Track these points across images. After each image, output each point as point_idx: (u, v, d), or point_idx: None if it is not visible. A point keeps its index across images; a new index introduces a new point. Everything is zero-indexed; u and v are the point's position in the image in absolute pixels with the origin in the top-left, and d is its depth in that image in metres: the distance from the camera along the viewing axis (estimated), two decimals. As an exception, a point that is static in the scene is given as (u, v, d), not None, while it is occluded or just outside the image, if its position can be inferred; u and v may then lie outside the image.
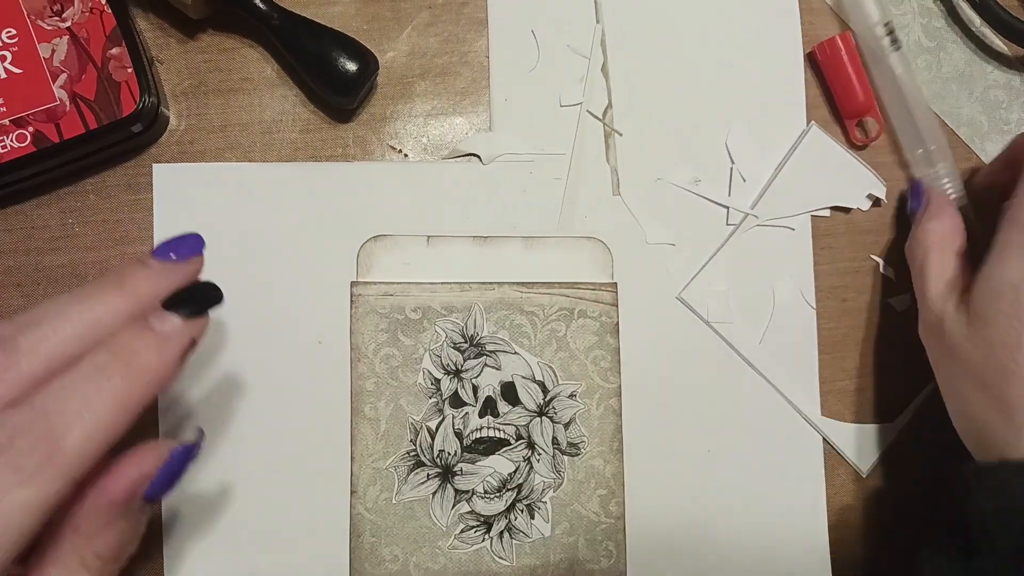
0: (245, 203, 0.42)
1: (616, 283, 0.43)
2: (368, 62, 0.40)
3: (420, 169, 0.43)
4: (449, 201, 0.43)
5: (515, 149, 0.43)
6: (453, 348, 0.42)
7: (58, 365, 0.25)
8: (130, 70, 0.38)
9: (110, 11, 0.39)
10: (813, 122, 0.45)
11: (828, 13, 0.46)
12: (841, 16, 0.45)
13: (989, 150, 0.46)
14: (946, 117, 0.46)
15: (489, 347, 0.42)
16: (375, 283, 0.42)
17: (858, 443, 0.44)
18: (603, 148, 0.44)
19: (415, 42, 0.43)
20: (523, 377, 0.42)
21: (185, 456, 0.28)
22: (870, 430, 0.44)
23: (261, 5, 0.40)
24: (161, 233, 0.41)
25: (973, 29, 0.47)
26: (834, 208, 0.45)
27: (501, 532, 0.41)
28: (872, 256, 0.45)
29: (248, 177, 0.42)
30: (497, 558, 0.41)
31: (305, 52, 0.40)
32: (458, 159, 0.43)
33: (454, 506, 0.41)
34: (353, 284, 0.42)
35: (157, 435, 0.41)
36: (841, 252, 0.45)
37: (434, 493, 0.41)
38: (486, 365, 0.42)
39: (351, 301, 0.42)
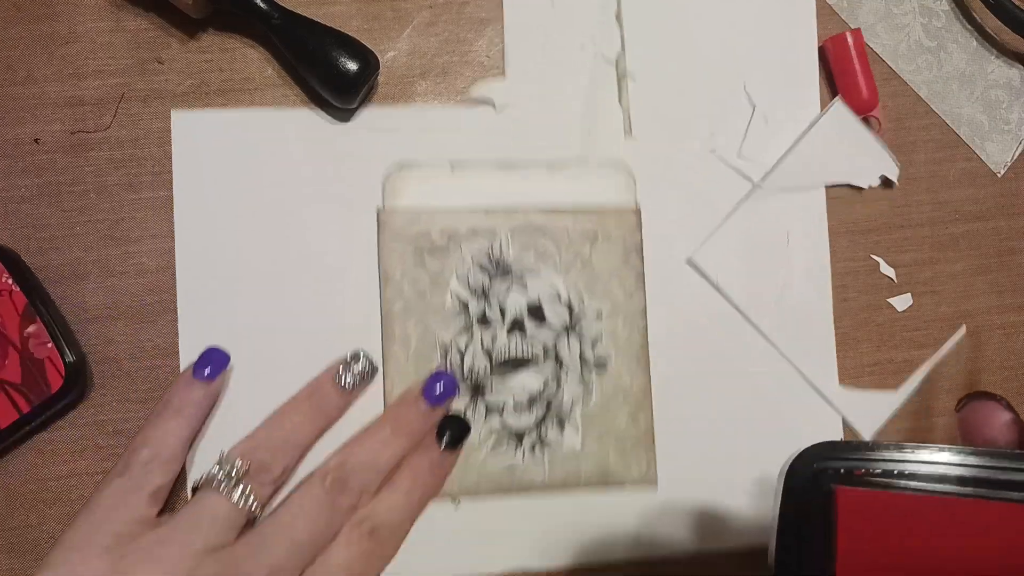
0: (265, 147, 0.42)
1: (639, 208, 0.44)
2: (368, 61, 0.40)
3: (437, 112, 0.43)
4: (467, 144, 0.44)
5: (529, 95, 0.44)
6: (480, 271, 0.42)
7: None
8: (50, 345, 0.39)
9: (19, 289, 0.39)
10: (838, 97, 0.44)
11: (831, 12, 0.46)
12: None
13: (989, 150, 0.46)
14: (947, 117, 0.46)
15: (515, 269, 0.43)
16: (402, 209, 0.42)
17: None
18: (615, 91, 0.44)
19: (415, 42, 0.43)
20: (549, 298, 0.43)
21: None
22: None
23: (262, 4, 0.40)
24: (181, 181, 0.41)
25: (974, 28, 0.47)
26: (846, 187, 0.45)
27: (532, 445, 0.42)
28: (872, 256, 0.45)
29: (266, 122, 0.42)
30: (530, 470, 0.42)
31: (305, 51, 0.40)
32: (472, 106, 0.44)
33: (486, 421, 0.42)
34: (379, 211, 0.42)
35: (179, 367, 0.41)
36: (841, 252, 0.45)
37: (465, 409, 0.42)
38: (512, 287, 0.42)
39: (378, 227, 0.42)
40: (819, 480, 0.25)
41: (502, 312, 0.42)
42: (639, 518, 0.43)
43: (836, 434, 0.44)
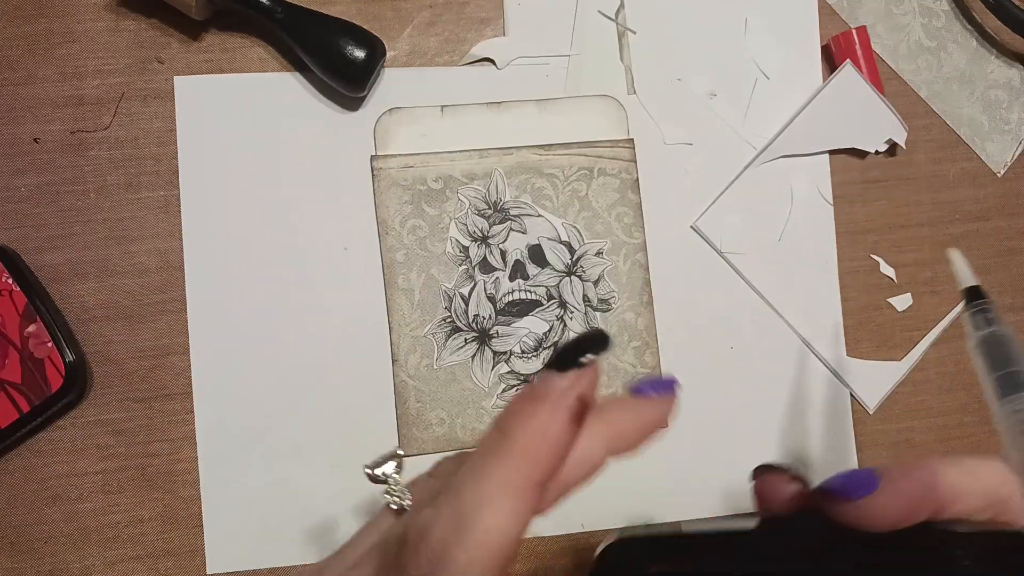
0: (265, 109, 0.42)
1: (632, 138, 0.44)
2: (376, 48, 0.40)
3: (435, 74, 0.43)
4: (465, 103, 0.44)
5: (529, 52, 0.43)
6: (478, 215, 0.43)
7: None
8: (50, 344, 0.39)
9: (18, 289, 0.39)
10: (848, 61, 0.44)
11: (831, 12, 0.46)
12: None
13: (989, 150, 0.46)
14: (947, 117, 0.46)
15: (513, 211, 0.43)
16: (394, 155, 0.42)
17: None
18: (616, 48, 0.44)
19: (416, 41, 0.43)
20: (549, 239, 0.43)
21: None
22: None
23: (265, 0, 0.40)
24: (185, 144, 0.42)
25: (974, 29, 0.47)
26: (850, 152, 0.45)
27: None
28: (872, 256, 0.45)
29: (267, 86, 0.42)
30: None
31: (312, 43, 0.40)
32: (473, 64, 0.44)
33: (494, 367, 0.42)
34: (373, 158, 0.42)
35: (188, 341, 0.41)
36: (842, 251, 0.45)
37: (473, 356, 0.42)
38: (512, 229, 0.43)
39: (372, 175, 0.42)
40: None
41: (503, 256, 0.42)
42: (649, 460, 0.43)
43: (843, 392, 0.45)
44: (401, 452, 0.28)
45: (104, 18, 0.42)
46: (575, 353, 0.23)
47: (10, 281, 0.39)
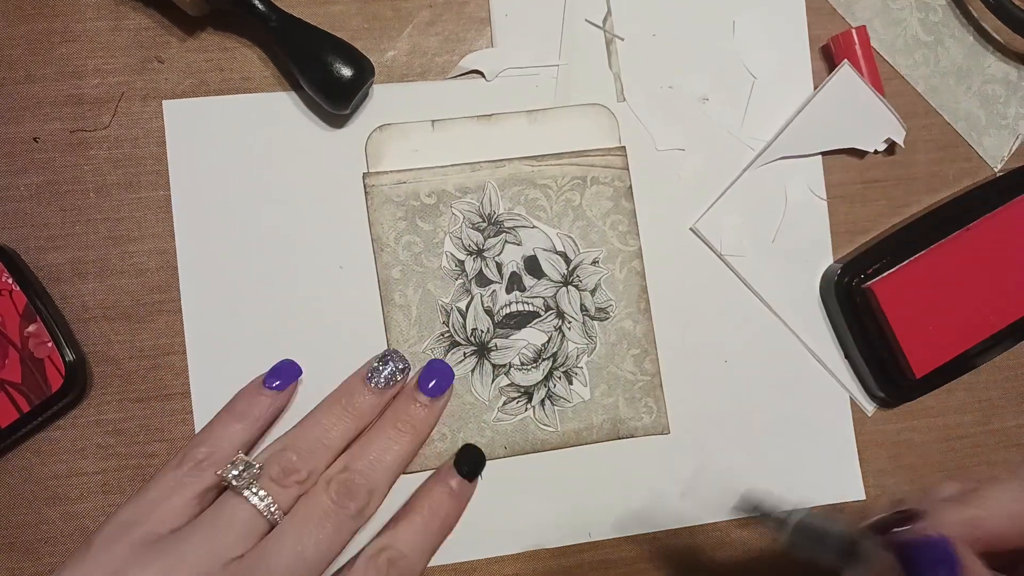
0: (255, 130, 0.42)
1: (624, 146, 0.44)
2: (363, 68, 0.40)
3: (424, 88, 0.43)
4: (455, 117, 0.44)
5: (518, 63, 0.43)
6: (472, 229, 0.42)
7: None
8: (50, 344, 0.39)
9: (18, 289, 0.39)
10: (846, 61, 0.44)
11: (829, 8, 0.46)
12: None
13: (986, 145, 0.46)
14: (943, 112, 0.46)
15: (507, 224, 0.43)
16: (387, 172, 0.42)
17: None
18: (605, 55, 0.44)
19: (416, 41, 0.43)
20: (544, 250, 0.43)
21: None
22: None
23: (260, 6, 0.40)
24: (176, 168, 0.41)
25: (971, 24, 0.47)
26: (849, 152, 0.45)
27: (542, 400, 0.42)
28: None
29: (257, 107, 0.42)
30: (541, 425, 0.42)
31: (301, 56, 0.40)
32: (461, 77, 0.44)
33: (494, 380, 0.42)
34: (365, 175, 0.42)
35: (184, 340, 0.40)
36: (842, 252, 0.45)
37: (473, 370, 0.42)
38: (507, 242, 0.43)
39: (365, 192, 0.42)
40: None
41: (499, 269, 0.42)
42: (653, 467, 0.43)
43: (842, 394, 0.45)
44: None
45: (104, 18, 0.42)
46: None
47: (10, 281, 0.39)
